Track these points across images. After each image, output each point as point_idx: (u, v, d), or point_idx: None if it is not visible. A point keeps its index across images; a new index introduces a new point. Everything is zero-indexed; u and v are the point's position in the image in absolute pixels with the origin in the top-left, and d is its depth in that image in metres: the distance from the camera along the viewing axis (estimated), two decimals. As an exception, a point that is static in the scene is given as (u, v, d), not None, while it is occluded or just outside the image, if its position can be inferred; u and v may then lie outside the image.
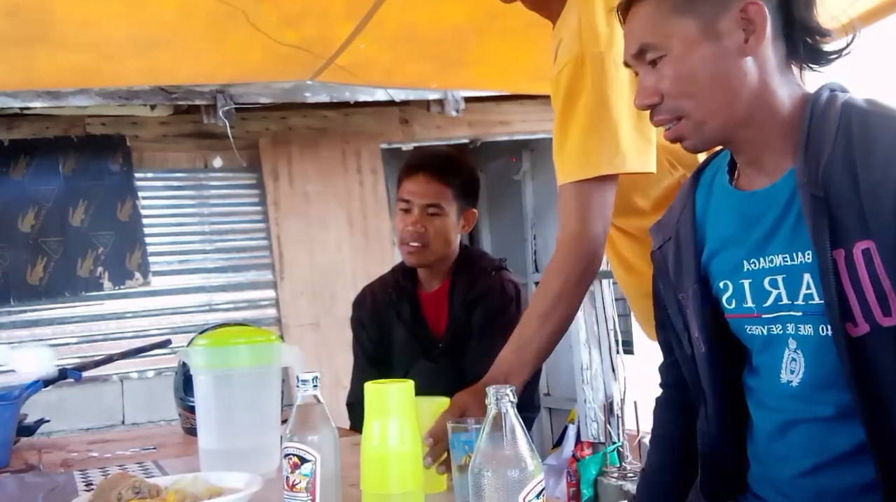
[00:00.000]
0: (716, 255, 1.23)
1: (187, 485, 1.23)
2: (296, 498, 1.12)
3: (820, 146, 1.08)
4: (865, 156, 1.04)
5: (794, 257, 1.11)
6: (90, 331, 4.27)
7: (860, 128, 1.06)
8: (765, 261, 1.15)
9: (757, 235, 1.16)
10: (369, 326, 2.19)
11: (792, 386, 1.15)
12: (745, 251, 1.18)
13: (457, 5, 2.46)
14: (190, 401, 1.98)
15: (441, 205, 2.02)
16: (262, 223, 4.63)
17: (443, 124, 4.92)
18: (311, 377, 1.16)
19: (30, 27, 2.41)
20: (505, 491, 0.93)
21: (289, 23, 2.56)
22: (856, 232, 1.04)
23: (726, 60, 1.11)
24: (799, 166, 1.09)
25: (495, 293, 2.04)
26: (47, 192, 4.21)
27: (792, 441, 1.17)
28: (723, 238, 1.23)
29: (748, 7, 1.10)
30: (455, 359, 2.04)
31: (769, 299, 1.16)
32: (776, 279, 1.14)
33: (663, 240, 1.33)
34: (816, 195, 1.06)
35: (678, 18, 1.12)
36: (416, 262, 2.07)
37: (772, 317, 1.16)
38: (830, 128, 1.08)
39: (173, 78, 3.76)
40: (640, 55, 1.16)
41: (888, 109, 1.09)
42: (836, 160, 1.06)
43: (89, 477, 1.57)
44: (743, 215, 1.19)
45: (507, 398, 0.96)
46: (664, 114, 1.16)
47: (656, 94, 1.15)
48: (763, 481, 1.23)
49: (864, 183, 1.03)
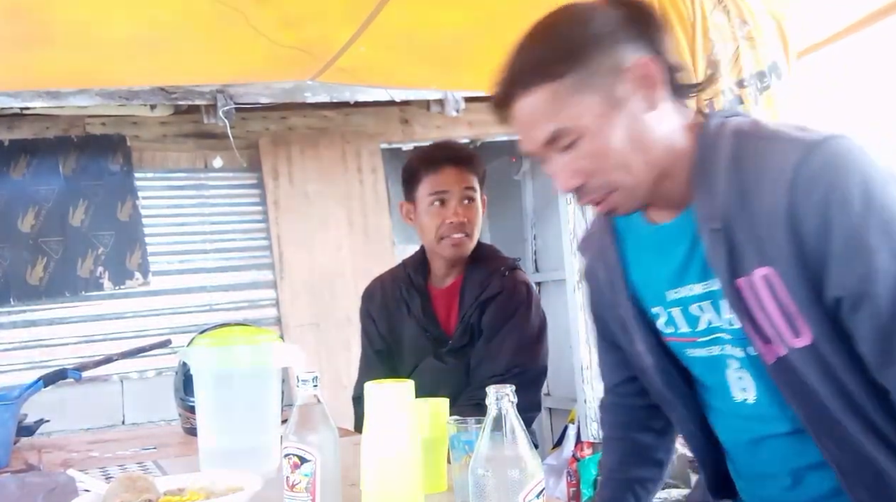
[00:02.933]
0: (641, 283, 1.26)
1: (207, 485, 1.24)
2: (296, 498, 1.12)
3: (714, 180, 1.09)
4: (755, 185, 1.06)
5: (711, 284, 1.14)
6: (90, 331, 4.27)
7: (750, 157, 1.08)
8: (686, 290, 1.18)
9: (672, 266, 1.19)
10: (378, 319, 2.17)
11: (748, 404, 1.18)
12: (666, 282, 1.20)
13: (457, 8, 2.46)
14: (190, 401, 1.98)
15: (475, 189, 2.05)
16: (262, 223, 4.63)
17: (443, 124, 4.92)
18: (311, 377, 1.16)
19: (30, 28, 2.41)
20: (505, 491, 0.94)
21: (289, 25, 2.56)
22: (755, 259, 1.06)
23: (637, 122, 1.10)
24: (696, 202, 1.12)
25: (507, 294, 2.02)
26: (47, 192, 4.21)
27: (765, 458, 1.19)
28: (643, 268, 1.25)
29: (638, 67, 1.09)
30: (463, 358, 2.03)
31: (701, 323, 1.18)
32: (702, 305, 1.17)
33: (592, 259, 1.35)
34: (714, 228, 1.09)
35: (580, 98, 1.09)
36: (461, 254, 2.05)
37: (708, 340, 1.19)
38: (722, 159, 1.09)
39: (173, 78, 3.76)
40: (552, 142, 1.12)
41: (773, 132, 1.09)
42: (730, 190, 1.08)
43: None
44: (656, 247, 1.21)
45: (507, 398, 0.97)
46: (595, 192, 1.14)
47: (580, 176, 1.12)
48: (753, 497, 1.26)
49: (756, 211, 1.05)
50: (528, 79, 1.11)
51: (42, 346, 4.18)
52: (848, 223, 0.99)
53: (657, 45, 1.12)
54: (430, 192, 2.03)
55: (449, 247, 2.03)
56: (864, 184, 1.00)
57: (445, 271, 2.11)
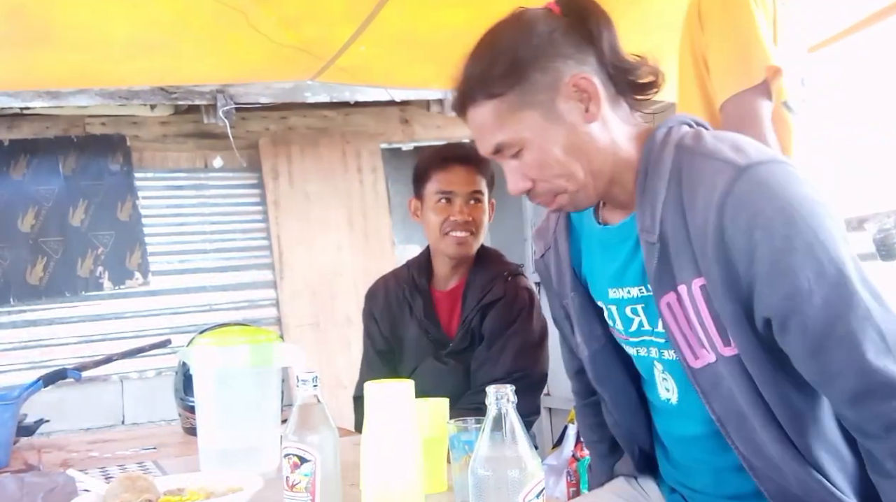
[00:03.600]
0: (589, 275, 1.32)
1: (207, 485, 1.24)
2: (296, 498, 1.12)
3: (655, 192, 1.13)
4: (690, 200, 1.09)
5: (648, 289, 1.18)
6: (90, 331, 4.27)
7: (687, 172, 1.11)
8: (623, 291, 1.24)
9: (615, 266, 1.24)
10: (381, 319, 2.18)
11: (672, 404, 1.24)
12: (608, 279, 1.26)
13: (457, 8, 2.45)
14: (190, 401, 1.98)
15: (482, 192, 2.07)
16: (262, 223, 4.63)
17: (443, 124, 4.92)
18: (311, 377, 1.16)
19: (30, 29, 2.41)
20: (505, 491, 0.94)
21: (289, 25, 2.56)
22: (691, 270, 1.10)
23: (576, 135, 1.15)
24: (637, 213, 1.16)
25: (509, 300, 2.04)
26: (47, 192, 4.22)
27: (691, 454, 1.26)
28: (590, 263, 1.31)
29: (576, 82, 1.14)
30: (463, 361, 2.04)
31: (633, 324, 1.24)
32: (636, 307, 1.22)
33: (545, 249, 1.42)
34: (650, 242, 1.13)
35: (520, 115, 1.15)
36: (465, 252, 2.07)
37: (638, 341, 1.26)
38: (664, 172, 1.13)
39: (173, 79, 3.76)
40: (499, 152, 1.19)
41: (710, 150, 1.11)
42: (669, 203, 1.12)
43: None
44: (603, 246, 1.27)
45: (507, 398, 0.97)
46: (543, 195, 1.21)
47: (528, 181, 1.19)
48: (679, 485, 1.32)
49: (691, 226, 1.09)
50: (473, 93, 1.18)
51: (42, 346, 4.18)
52: (771, 245, 1.02)
53: (601, 52, 1.16)
54: (438, 190, 2.05)
55: (453, 245, 2.04)
56: (787, 207, 1.03)
57: (448, 272, 2.11)
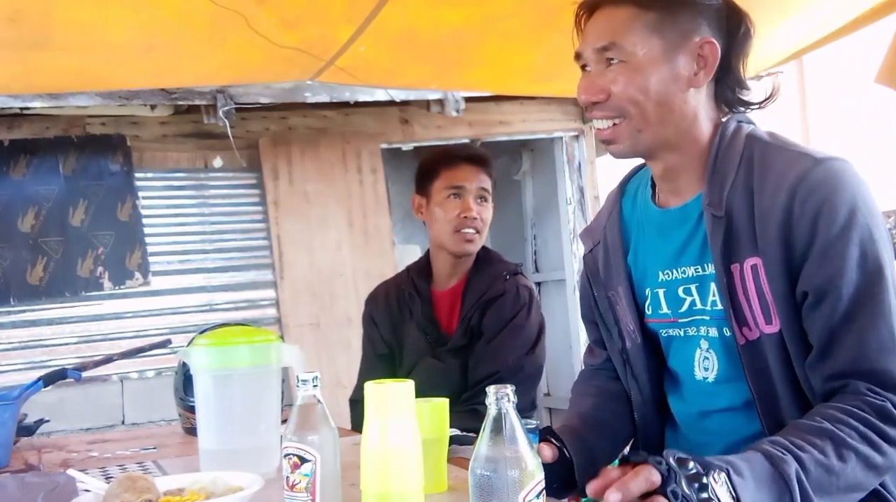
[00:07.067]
0: (638, 262, 1.39)
1: (207, 485, 1.24)
2: (296, 498, 1.12)
3: (725, 173, 1.24)
4: (760, 184, 1.20)
5: (704, 268, 1.27)
6: (90, 331, 4.27)
7: (759, 159, 1.23)
8: (678, 272, 1.32)
9: (672, 248, 1.32)
10: (381, 323, 2.19)
11: (707, 383, 1.31)
12: (662, 262, 1.34)
13: (457, 8, 2.46)
14: (190, 401, 1.98)
15: (489, 191, 2.11)
16: (262, 223, 4.63)
17: (443, 124, 4.92)
18: (311, 377, 1.16)
19: (31, 31, 2.41)
20: (505, 491, 0.94)
21: (288, 25, 2.56)
22: (748, 249, 1.20)
23: (676, 85, 1.25)
24: (705, 190, 1.26)
25: (509, 297, 2.06)
26: (47, 192, 4.21)
27: (707, 427, 1.33)
28: (641, 250, 1.38)
29: (706, 45, 1.24)
30: (461, 358, 2.05)
31: (684, 305, 1.32)
32: (689, 288, 1.30)
33: (593, 244, 1.49)
34: (717, 215, 1.22)
35: (649, 35, 1.23)
36: (470, 251, 2.10)
37: (688, 321, 1.32)
38: (735, 157, 1.25)
39: (173, 80, 3.76)
40: (603, 51, 1.25)
41: (785, 143, 1.24)
42: (737, 186, 1.22)
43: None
44: (659, 229, 1.35)
45: (507, 398, 0.97)
46: (608, 110, 1.26)
47: (605, 93, 1.25)
48: None
49: (757, 207, 1.20)
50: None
51: (42, 346, 4.18)
52: (831, 232, 1.14)
53: (733, 48, 1.26)
54: (447, 186, 2.08)
55: (461, 242, 2.06)
56: (852, 203, 1.15)
57: (449, 271, 2.12)
